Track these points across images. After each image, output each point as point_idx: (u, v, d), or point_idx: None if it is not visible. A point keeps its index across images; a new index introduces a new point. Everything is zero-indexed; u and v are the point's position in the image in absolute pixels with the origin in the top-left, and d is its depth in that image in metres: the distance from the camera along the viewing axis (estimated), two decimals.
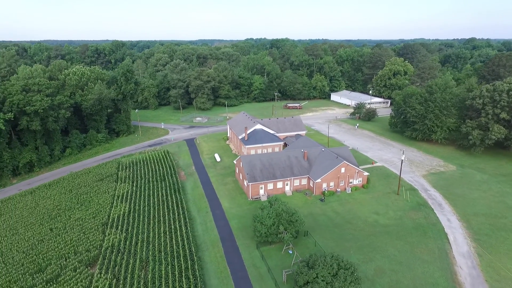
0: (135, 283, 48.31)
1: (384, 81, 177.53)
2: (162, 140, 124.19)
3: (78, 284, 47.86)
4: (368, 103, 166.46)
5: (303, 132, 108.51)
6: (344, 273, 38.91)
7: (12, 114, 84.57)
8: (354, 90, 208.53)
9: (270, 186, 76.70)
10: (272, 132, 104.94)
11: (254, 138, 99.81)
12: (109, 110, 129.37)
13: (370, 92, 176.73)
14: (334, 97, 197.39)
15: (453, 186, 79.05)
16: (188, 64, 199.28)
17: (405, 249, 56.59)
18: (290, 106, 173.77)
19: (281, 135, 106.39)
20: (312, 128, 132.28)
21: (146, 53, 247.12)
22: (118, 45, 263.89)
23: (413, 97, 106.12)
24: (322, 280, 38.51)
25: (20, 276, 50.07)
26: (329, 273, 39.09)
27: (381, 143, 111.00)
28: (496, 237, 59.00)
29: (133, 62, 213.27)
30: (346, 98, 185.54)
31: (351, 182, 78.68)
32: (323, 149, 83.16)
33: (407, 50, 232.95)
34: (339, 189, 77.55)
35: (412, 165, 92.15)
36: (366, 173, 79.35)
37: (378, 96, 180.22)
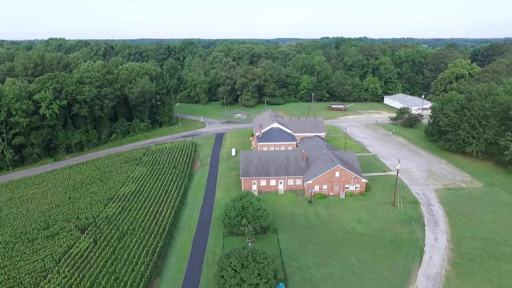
0: (106, 249, 56.62)
1: (445, 85, 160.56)
2: (197, 132, 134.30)
3: (66, 243, 58.09)
4: (419, 108, 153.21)
5: (322, 134, 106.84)
6: (255, 265, 40.53)
7: (66, 101, 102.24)
8: (412, 93, 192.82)
9: (263, 182, 79.02)
10: (289, 131, 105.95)
11: (269, 136, 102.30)
12: (158, 103, 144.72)
13: (422, 96, 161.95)
14: (387, 100, 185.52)
15: (465, 204, 70.84)
16: (237, 63, 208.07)
17: (367, 260, 54.28)
18: (334, 108, 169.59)
19: (299, 135, 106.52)
20: (343, 131, 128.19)
21: (207, 51, 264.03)
22: (187, 44, 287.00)
23: (449, 104, 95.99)
24: (232, 269, 40.84)
25: (30, 230, 62.73)
26: (241, 264, 41.15)
27: (409, 152, 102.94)
28: (481, 265, 52.43)
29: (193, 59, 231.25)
30: (399, 102, 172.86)
31: (347, 188, 76.31)
32: (324, 152, 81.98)
33: (493, 50, 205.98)
34: (332, 193, 76.03)
35: (431, 177, 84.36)
36: (364, 180, 76.02)
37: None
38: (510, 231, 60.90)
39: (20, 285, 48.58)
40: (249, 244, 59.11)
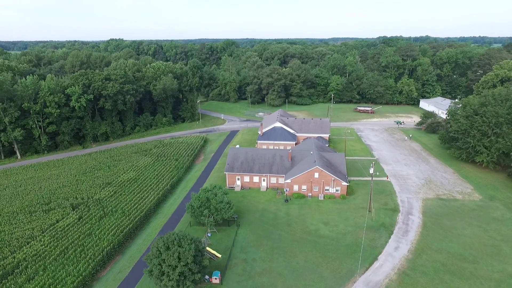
0: (86, 226, 64.37)
1: (487, 89, 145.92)
2: (214, 128, 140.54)
3: (55, 217, 67.23)
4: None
5: (326, 135, 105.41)
6: (177, 249, 43.88)
7: (93, 95, 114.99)
8: (454, 97, 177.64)
9: (246, 178, 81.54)
10: (292, 131, 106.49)
11: (270, 135, 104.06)
12: (184, 99, 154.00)
13: (456, 100, 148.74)
14: (422, 104, 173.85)
15: (449, 216, 65.95)
16: (269, 62, 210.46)
17: (314, 261, 54.32)
18: (361, 110, 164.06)
19: (302, 135, 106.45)
20: (358, 133, 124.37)
21: (243, 51, 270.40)
22: (228, 44, 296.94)
23: (461, 108, 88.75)
24: (157, 250, 44.67)
25: (34, 204, 73.45)
26: (166, 247, 44.77)
27: (417, 158, 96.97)
28: (432, 278, 49.44)
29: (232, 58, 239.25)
30: (434, 106, 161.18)
31: (327, 190, 75.50)
32: (311, 152, 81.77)
33: None
34: (310, 194, 75.86)
35: (426, 186, 79.30)
36: (345, 183, 74.46)
37: None
38: (485, 248, 55.87)
39: (7, 247, 58.06)
40: (209, 234, 62.58)
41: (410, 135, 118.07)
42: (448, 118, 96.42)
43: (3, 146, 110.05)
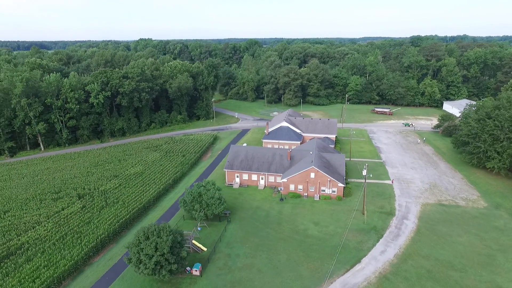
0: (87, 214, 68.41)
1: None
2: (227, 127, 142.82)
3: (61, 205, 71.95)
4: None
5: (332, 136, 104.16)
6: (155, 239, 45.90)
7: (110, 92, 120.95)
8: (481, 100, 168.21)
9: (245, 176, 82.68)
10: (298, 131, 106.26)
11: (275, 134, 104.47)
12: (201, 97, 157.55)
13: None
14: (446, 106, 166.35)
15: (447, 223, 63.44)
16: (289, 62, 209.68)
17: (296, 260, 54.52)
18: (378, 111, 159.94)
19: (308, 135, 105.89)
20: (370, 135, 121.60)
21: (264, 50, 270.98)
22: (251, 43, 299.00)
23: (474, 111, 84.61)
24: (137, 240, 46.94)
25: (45, 192, 78.88)
26: (146, 237, 46.93)
27: (426, 162, 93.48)
28: (413, 285, 48.12)
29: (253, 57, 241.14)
30: (458, 108, 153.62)
31: (323, 190, 74.96)
32: (310, 152, 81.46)
33: None
34: (306, 194, 75.66)
35: (429, 191, 76.52)
36: (341, 185, 73.54)
37: None
38: (478, 257, 53.38)
39: (15, 230, 63.12)
40: (199, 228, 64.42)
41: (424, 138, 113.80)
42: (460, 121, 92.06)
43: (29, 139, 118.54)
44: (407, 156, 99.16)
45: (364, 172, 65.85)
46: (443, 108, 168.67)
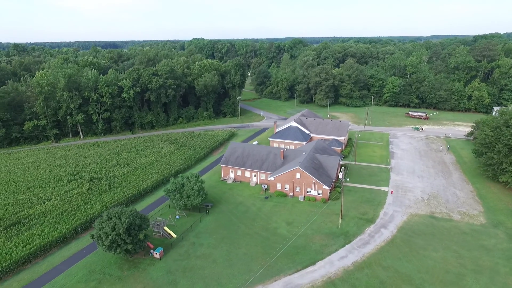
0: (90, 195, 76.83)
1: None
2: (249, 125, 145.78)
3: (73, 185, 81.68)
4: None
5: (341, 138, 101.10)
6: (114, 221, 50.78)
7: (140, 88, 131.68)
8: None
9: (239, 172, 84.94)
10: (307, 131, 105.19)
11: (283, 133, 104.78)
12: (233, 95, 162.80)
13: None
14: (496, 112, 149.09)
15: (427, 236, 58.93)
16: (324, 62, 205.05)
17: (252, 255, 55.68)
18: (413, 115, 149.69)
19: (316, 136, 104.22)
20: (390, 140, 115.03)
21: (305, 49, 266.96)
22: (296, 42, 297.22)
23: (489, 119, 76.20)
24: (101, 219, 52.34)
25: (65, 174, 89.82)
26: (108, 218, 52.07)
27: (438, 172, 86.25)
28: None
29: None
30: None
31: (308, 192, 74.11)
32: (304, 153, 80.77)
33: None
34: (292, 194, 75.42)
35: (425, 201, 71.15)
36: (326, 187, 71.94)
37: None
38: (445, 275, 49.14)
39: (28, 203, 73.69)
40: (177, 217, 68.62)
41: (448, 146, 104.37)
42: (477, 128, 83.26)
43: (71, 127, 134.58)
44: (420, 163, 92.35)
45: (341, 176, 63.89)
46: (493, 114, 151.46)
